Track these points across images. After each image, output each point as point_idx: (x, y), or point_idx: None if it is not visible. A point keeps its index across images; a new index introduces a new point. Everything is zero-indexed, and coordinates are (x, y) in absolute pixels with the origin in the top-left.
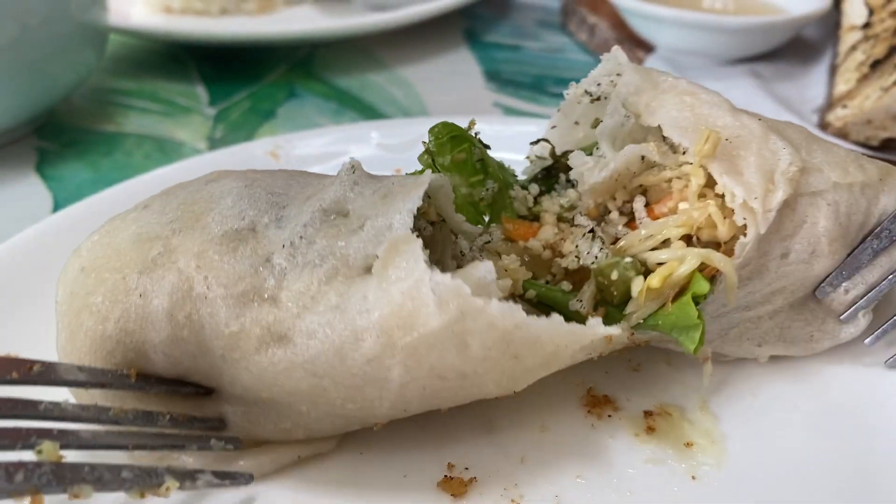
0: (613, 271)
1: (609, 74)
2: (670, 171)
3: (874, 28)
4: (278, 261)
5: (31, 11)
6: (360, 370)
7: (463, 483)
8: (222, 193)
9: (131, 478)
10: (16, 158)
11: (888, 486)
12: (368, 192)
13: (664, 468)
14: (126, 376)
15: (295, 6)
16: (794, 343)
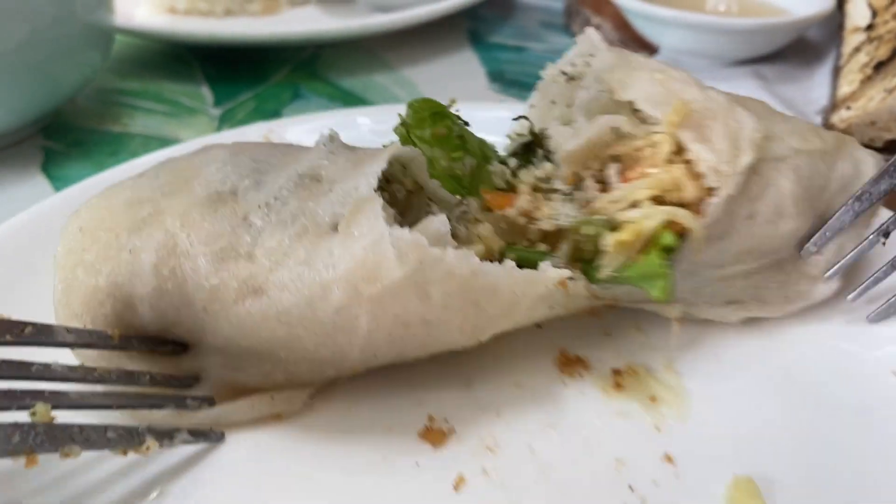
0: (585, 227)
1: (583, 55)
2: (641, 141)
3: (877, 30)
4: (254, 220)
5: (39, 13)
6: (329, 319)
7: (443, 433)
8: (209, 161)
9: (115, 438)
10: (22, 158)
11: (842, 445)
12: (342, 160)
13: (630, 421)
14: (109, 337)
15: (299, 7)
16: (768, 303)
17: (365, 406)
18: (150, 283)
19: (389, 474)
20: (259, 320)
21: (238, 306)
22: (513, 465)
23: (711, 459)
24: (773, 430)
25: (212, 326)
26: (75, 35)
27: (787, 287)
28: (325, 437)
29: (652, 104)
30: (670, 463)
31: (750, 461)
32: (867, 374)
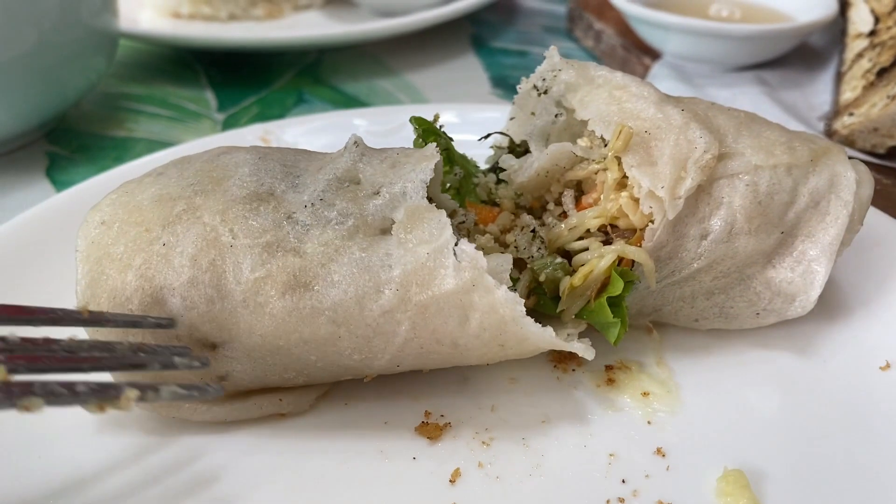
0: (542, 273)
1: (552, 70)
2: (596, 164)
3: (880, 36)
4: (301, 217)
5: (45, 19)
6: (374, 321)
7: (438, 427)
8: (237, 164)
9: (87, 391)
10: (26, 163)
11: (830, 438)
12: (376, 161)
13: (623, 414)
14: (77, 312)
15: (303, 12)
16: (736, 319)
17: (362, 402)
18: (186, 273)
19: (387, 468)
20: (307, 315)
21: (285, 299)
22: (508, 458)
23: (702, 452)
24: (763, 423)
25: (248, 322)
26: (81, 40)
27: (756, 305)
28: (324, 432)
29: (604, 125)
30: (662, 456)
31: (740, 454)
32: (854, 370)
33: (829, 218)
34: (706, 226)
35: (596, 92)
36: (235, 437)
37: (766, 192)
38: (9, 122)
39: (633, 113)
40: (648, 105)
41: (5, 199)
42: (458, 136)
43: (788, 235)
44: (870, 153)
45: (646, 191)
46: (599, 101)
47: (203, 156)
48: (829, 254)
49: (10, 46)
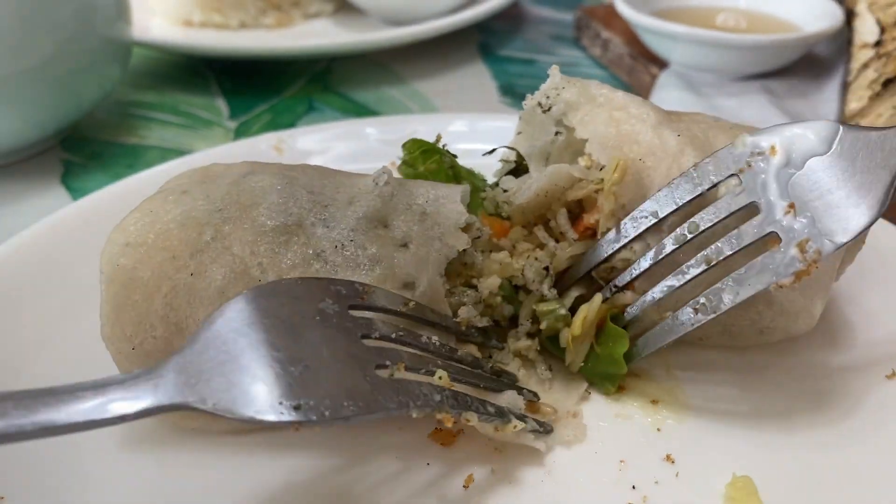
0: (544, 321)
1: (556, 88)
2: (595, 185)
3: (886, 46)
4: (331, 257)
5: (61, 28)
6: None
7: (451, 434)
8: (265, 189)
9: (493, 412)
10: (42, 170)
11: (838, 446)
12: (402, 206)
13: (632, 422)
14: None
15: (313, 20)
16: (740, 337)
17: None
18: (213, 305)
19: (401, 473)
20: None
21: None
22: (520, 464)
23: (711, 459)
24: (771, 431)
25: None
26: (95, 49)
27: (758, 323)
28: (338, 438)
29: (600, 148)
30: (671, 462)
31: (748, 461)
32: (861, 378)
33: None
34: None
35: (597, 111)
36: (249, 446)
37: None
38: (25, 131)
39: (631, 136)
40: (646, 128)
41: (22, 206)
42: (467, 145)
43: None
44: None
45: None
46: (599, 122)
47: (228, 175)
48: (831, 269)
49: (27, 56)
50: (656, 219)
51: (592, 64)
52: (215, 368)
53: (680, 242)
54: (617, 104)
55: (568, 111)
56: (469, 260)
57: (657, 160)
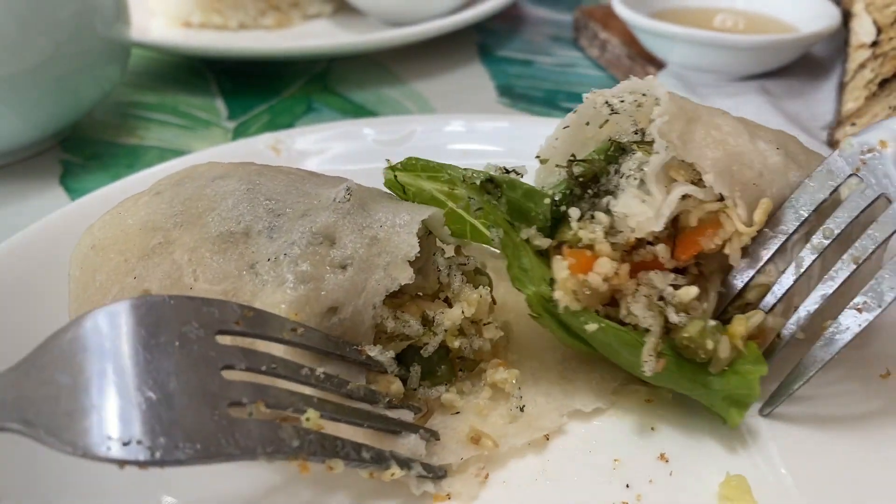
0: (706, 339)
1: (633, 91)
2: (711, 205)
3: (882, 46)
4: (261, 270)
5: (60, 29)
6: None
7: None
8: (225, 194)
9: (368, 458)
10: (41, 170)
11: (833, 445)
12: (357, 225)
13: (627, 421)
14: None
15: (312, 21)
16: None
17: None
18: None
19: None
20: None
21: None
22: (514, 463)
23: (704, 458)
24: (765, 430)
25: None
26: (94, 50)
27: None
28: None
29: (716, 176)
30: (665, 461)
31: (742, 460)
32: (855, 378)
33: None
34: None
35: (693, 128)
36: None
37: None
38: (24, 131)
39: (737, 158)
40: (746, 144)
41: (21, 206)
42: (465, 146)
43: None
44: None
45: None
46: (700, 142)
47: (203, 177)
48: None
49: (26, 57)
50: (786, 236)
51: (590, 64)
52: (53, 391)
53: (819, 250)
54: (706, 120)
55: (663, 126)
56: (444, 280)
57: (769, 182)
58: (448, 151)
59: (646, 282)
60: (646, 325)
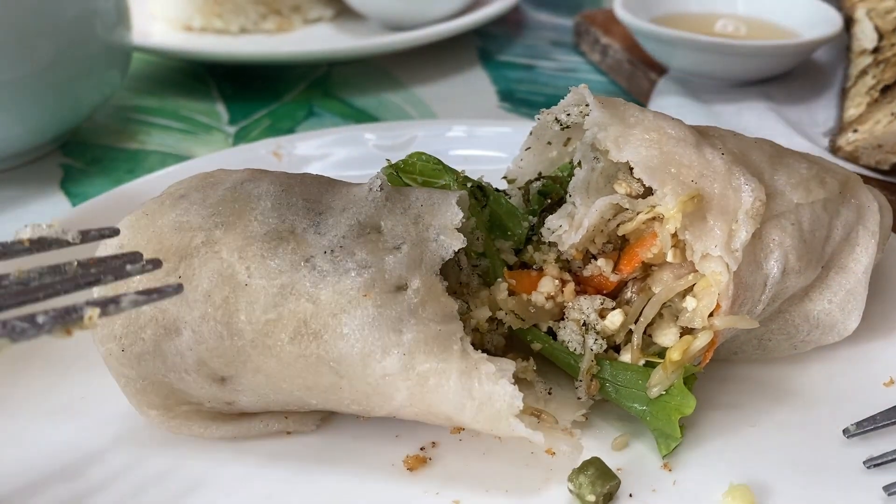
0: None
1: (578, 104)
2: (644, 214)
3: (884, 53)
4: (319, 263)
5: (61, 34)
6: (375, 381)
7: (421, 460)
8: (260, 195)
9: (48, 320)
10: (41, 175)
11: (836, 455)
12: (398, 210)
13: (631, 429)
14: (18, 242)
15: (313, 26)
16: (774, 351)
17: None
18: (199, 308)
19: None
20: (312, 363)
21: (294, 344)
22: (515, 470)
23: (708, 468)
24: (769, 440)
25: (256, 362)
26: (95, 55)
27: (794, 337)
28: (333, 446)
29: (650, 172)
30: (668, 471)
31: (746, 470)
32: (859, 386)
33: (859, 248)
34: (765, 271)
35: (630, 132)
36: (244, 453)
37: (809, 230)
38: (24, 136)
39: (676, 158)
40: (689, 149)
41: (21, 211)
42: (466, 152)
43: (825, 268)
44: (874, 169)
45: (700, 254)
46: (636, 143)
47: (227, 181)
48: (864, 282)
49: (27, 61)
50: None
51: (591, 70)
52: None
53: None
54: (650, 124)
55: (598, 132)
56: (465, 279)
57: (709, 182)
58: (450, 157)
59: (575, 306)
60: (572, 348)
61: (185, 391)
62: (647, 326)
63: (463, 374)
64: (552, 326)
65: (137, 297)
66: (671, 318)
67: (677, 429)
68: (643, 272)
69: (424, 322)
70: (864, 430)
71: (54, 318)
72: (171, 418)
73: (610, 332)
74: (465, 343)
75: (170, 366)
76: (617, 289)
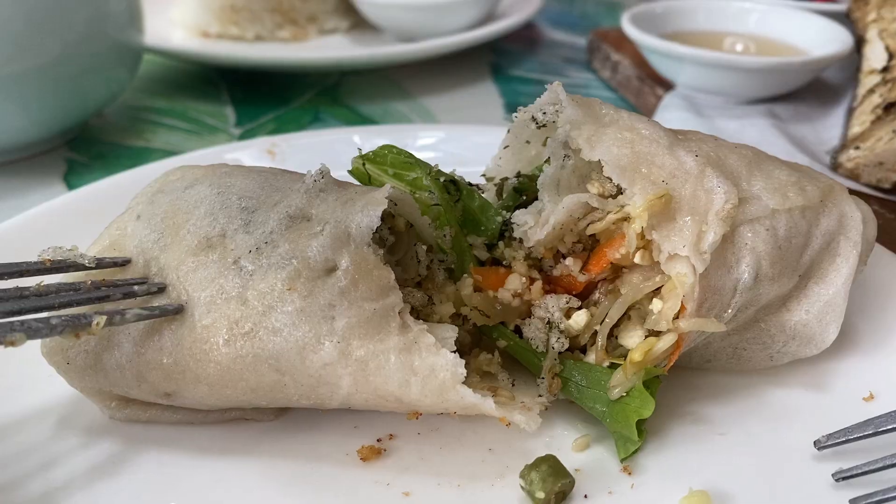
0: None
1: (554, 103)
2: (614, 214)
3: (892, 72)
4: (245, 263)
5: (71, 30)
6: (316, 372)
7: (375, 451)
8: (197, 202)
9: (60, 323)
10: (46, 167)
11: (802, 465)
12: (332, 198)
13: (593, 432)
14: (40, 262)
15: (328, 36)
16: (749, 361)
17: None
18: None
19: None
20: (249, 363)
21: (229, 346)
22: (472, 467)
23: (669, 473)
24: (735, 449)
25: (195, 371)
26: (104, 53)
27: (770, 348)
28: (290, 434)
29: (619, 171)
30: (628, 474)
31: (707, 476)
32: (837, 400)
33: (840, 259)
34: (736, 275)
35: (603, 131)
36: (202, 437)
37: (785, 237)
38: (30, 128)
39: (647, 158)
40: (661, 149)
41: (22, 201)
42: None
43: (803, 278)
44: (875, 187)
45: (666, 255)
46: (610, 142)
47: (175, 188)
48: (844, 294)
49: (35, 56)
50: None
51: (602, 86)
52: None
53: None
54: (624, 124)
55: (571, 130)
56: (426, 272)
57: (680, 182)
58: (442, 160)
59: (542, 304)
60: (535, 346)
61: (136, 399)
62: (614, 328)
63: (402, 351)
64: (519, 324)
65: (141, 311)
66: (639, 321)
67: (635, 431)
68: (613, 274)
69: (357, 304)
70: (836, 443)
71: (66, 322)
72: (123, 408)
73: (574, 331)
74: (404, 315)
75: (112, 380)
76: (587, 290)
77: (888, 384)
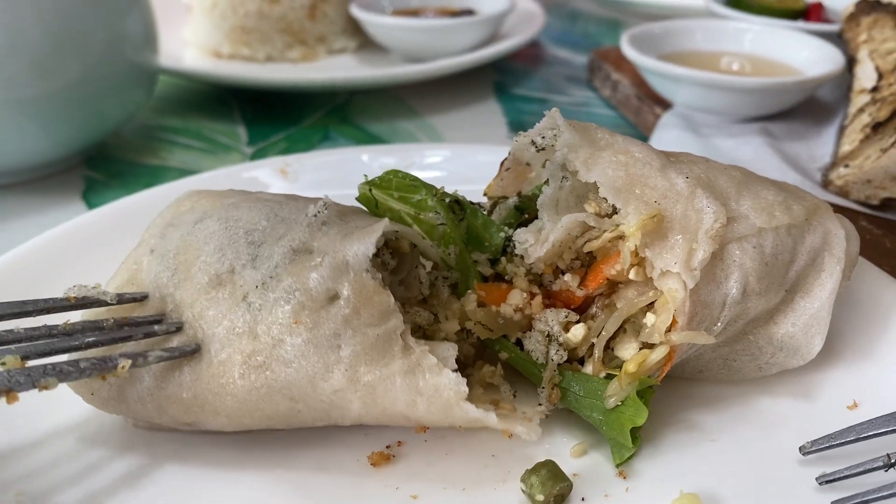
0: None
1: (552, 128)
2: (609, 233)
3: (882, 92)
4: (253, 299)
5: (90, 53)
6: (328, 398)
7: (385, 457)
8: (206, 238)
9: (89, 366)
10: (65, 185)
11: (790, 471)
12: (333, 231)
13: (589, 437)
14: (65, 299)
15: (336, 56)
16: (739, 371)
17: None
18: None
19: (367, 477)
20: (264, 394)
21: (244, 379)
22: (474, 473)
23: (663, 477)
24: (727, 454)
25: (213, 405)
26: (122, 75)
27: (759, 359)
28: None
29: (614, 192)
30: (623, 478)
31: (699, 480)
32: (822, 408)
33: (825, 274)
34: (725, 290)
35: (599, 154)
36: (219, 447)
37: (771, 254)
38: (50, 148)
39: (641, 180)
40: (653, 172)
41: (41, 218)
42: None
43: (789, 292)
44: (864, 204)
45: (659, 272)
46: (605, 165)
47: (186, 222)
48: (828, 307)
49: (56, 77)
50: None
51: (602, 104)
52: None
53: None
54: (619, 147)
55: (569, 153)
56: (430, 291)
57: (671, 203)
58: (448, 180)
59: (542, 318)
60: (535, 358)
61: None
62: (610, 341)
63: (407, 374)
64: (520, 337)
65: (162, 353)
66: (633, 334)
67: (629, 438)
68: (610, 289)
69: (361, 331)
70: (820, 448)
71: (94, 365)
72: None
73: (573, 344)
74: (406, 337)
75: (134, 411)
76: (585, 304)
77: (871, 393)
